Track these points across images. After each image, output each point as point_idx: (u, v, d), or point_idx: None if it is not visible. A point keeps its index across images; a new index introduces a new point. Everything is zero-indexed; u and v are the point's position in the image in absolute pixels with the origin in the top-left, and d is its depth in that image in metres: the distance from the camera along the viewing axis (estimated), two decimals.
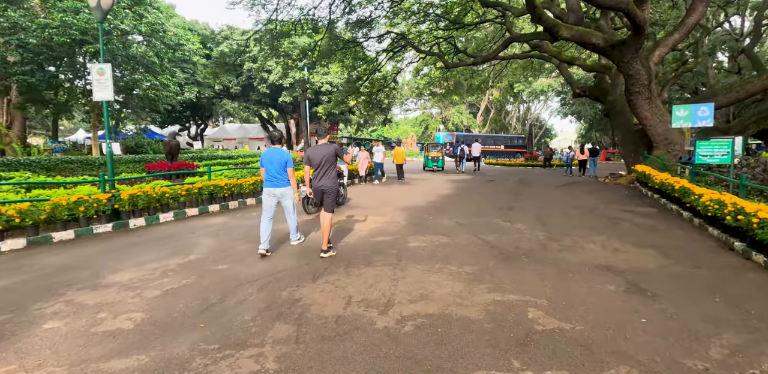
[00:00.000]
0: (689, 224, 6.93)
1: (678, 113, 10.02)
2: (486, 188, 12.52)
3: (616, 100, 16.21)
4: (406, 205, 9.09)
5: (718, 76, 33.61)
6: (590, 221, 7.21)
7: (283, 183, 5.17)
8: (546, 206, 8.96)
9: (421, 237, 6.04)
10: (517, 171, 21.30)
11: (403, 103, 64.07)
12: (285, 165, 5.13)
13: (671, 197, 8.36)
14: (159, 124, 40.35)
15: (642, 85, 11.97)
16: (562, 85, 40.89)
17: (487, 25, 27.38)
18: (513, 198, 10.28)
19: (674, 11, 21.56)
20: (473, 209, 8.59)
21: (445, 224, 6.98)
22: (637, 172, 11.49)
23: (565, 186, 12.95)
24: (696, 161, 7.72)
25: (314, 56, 17.04)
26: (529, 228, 6.61)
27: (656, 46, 12.55)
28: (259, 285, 4.01)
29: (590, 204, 9.07)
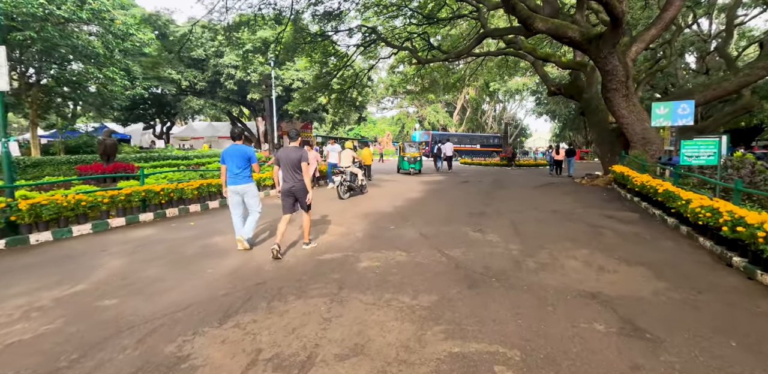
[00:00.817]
0: (676, 232, 6.26)
1: (658, 111, 9.46)
2: (458, 190, 11.73)
3: (591, 98, 15.75)
4: (369, 212, 8.16)
5: (687, 76, 34.19)
6: (569, 229, 6.45)
7: (245, 179, 5.14)
8: (521, 210, 8.20)
9: (375, 254, 5.11)
10: (493, 171, 20.70)
11: (380, 102, 63.35)
12: (248, 161, 5.14)
13: (653, 201, 7.74)
14: (121, 121, 38.18)
15: (619, 81, 11.43)
16: (537, 84, 40.85)
17: (462, 22, 26.79)
18: (486, 201, 9.50)
19: (646, 11, 21.48)
20: (442, 215, 7.73)
21: (407, 236, 6.08)
22: (615, 173, 10.93)
23: (541, 187, 12.30)
24: (681, 162, 7.11)
25: (277, 49, 15.86)
26: (502, 240, 5.79)
27: (633, 41, 12.04)
28: (142, 333, 2.99)
29: (568, 209, 8.36)
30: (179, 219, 7.75)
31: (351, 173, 10.40)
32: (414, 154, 17.54)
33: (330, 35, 18.16)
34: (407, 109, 60.16)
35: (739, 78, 11.50)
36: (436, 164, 22.54)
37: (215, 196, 9.48)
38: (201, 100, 33.02)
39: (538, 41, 22.34)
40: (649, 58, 22.43)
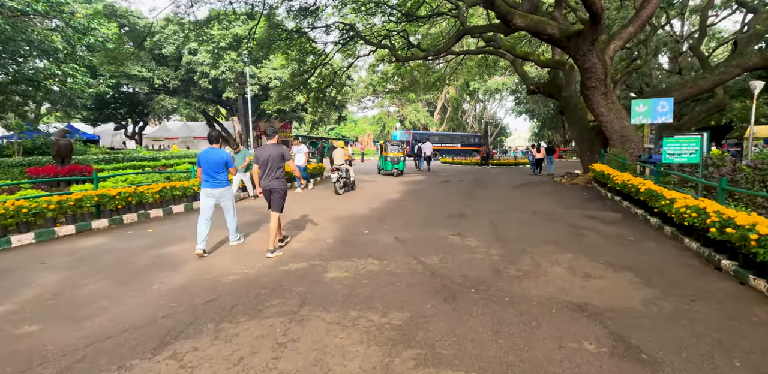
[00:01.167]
0: (660, 233, 6.06)
1: (637, 108, 9.33)
2: (438, 190, 11.41)
3: (570, 97, 15.71)
4: (343, 215, 7.74)
5: (660, 76, 34.97)
6: (551, 231, 6.17)
7: (222, 183, 5.13)
8: (501, 211, 7.91)
9: (345, 262, 4.69)
10: (473, 170, 20.53)
11: (360, 101, 62.88)
12: (224, 165, 5.10)
13: (635, 200, 7.56)
14: (90, 121, 36.62)
15: (598, 79, 11.31)
16: (517, 83, 41.13)
17: (442, 21, 26.60)
18: (466, 202, 9.19)
19: (621, 12, 21.72)
20: (420, 218, 7.37)
21: (381, 241, 5.68)
22: (595, 172, 10.80)
23: (521, 187, 12.10)
24: (663, 160, 6.94)
25: (250, 46, 15.23)
26: (482, 244, 5.45)
27: (611, 39, 11.95)
28: (55, 370, 2.50)
29: (549, 209, 8.12)
30: (137, 226, 7.16)
31: (346, 170, 11.18)
32: (397, 153, 16.11)
33: (306, 32, 17.62)
34: (388, 109, 59.90)
35: (714, 76, 11.54)
36: (418, 164, 22.49)
37: (180, 200, 8.89)
38: (174, 99, 31.89)
39: (516, 40, 22.34)
40: (624, 58, 22.67)
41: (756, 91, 15.58)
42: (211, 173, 5.04)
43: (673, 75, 30.50)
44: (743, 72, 11.44)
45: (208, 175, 5.05)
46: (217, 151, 5.09)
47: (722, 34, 36.00)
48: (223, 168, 5.11)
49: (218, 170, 5.06)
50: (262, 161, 4.98)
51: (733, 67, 11.34)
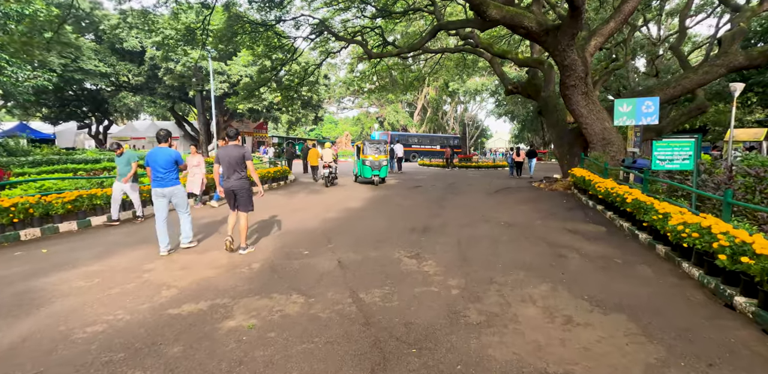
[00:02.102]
0: (651, 252, 5.17)
1: (620, 108, 8.53)
2: (407, 197, 10.41)
3: (549, 97, 14.97)
4: (289, 228, 6.64)
5: (637, 79, 35.04)
6: (526, 251, 5.22)
7: (171, 182, 5.12)
8: (472, 223, 6.94)
9: (260, 301, 3.61)
10: (450, 173, 19.64)
11: (340, 101, 61.71)
12: (174, 163, 5.12)
13: (621, 211, 6.70)
14: (50, 120, 34.36)
15: (578, 77, 10.52)
16: (497, 85, 40.68)
17: (419, 20, 25.76)
18: (435, 211, 8.21)
19: (600, 13, 21.31)
20: (377, 232, 6.33)
21: (319, 267, 4.61)
22: (576, 177, 9.98)
23: (498, 193, 11.21)
24: (653, 166, 6.10)
25: (204, 37, 13.94)
26: (442, 270, 4.45)
27: (592, 35, 11.20)
28: None
29: (525, 220, 7.20)
30: (37, 244, 5.90)
31: (335, 167, 13.32)
32: (378, 156, 13.05)
33: (272, 25, 16.42)
34: (368, 109, 58.88)
35: (698, 76, 10.91)
36: (391, 165, 21.78)
37: (103, 210, 7.62)
38: (137, 97, 30.05)
39: (496, 39, 21.68)
40: (603, 59, 22.26)
41: (736, 94, 15.16)
42: (161, 172, 5.04)
43: (651, 78, 30.53)
44: (728, 72, 10.84)
45: (157, 175, 5.06)
46: (165, 150, 5.10)
47: (696, 39, 36.36)
48: (173, 166, 5.14)
49: (168, 169, 5.07)
50: (225, 162, 5.00)
51: (717, 67, 10.72)
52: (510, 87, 16.95)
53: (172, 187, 5.15)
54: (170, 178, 5.12)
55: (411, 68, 27.98)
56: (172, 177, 5.13)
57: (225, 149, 5.07)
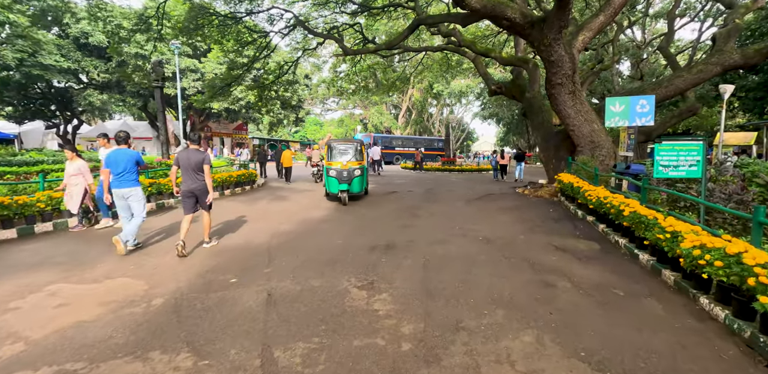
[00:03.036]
0: (656, 279, 4.25)
1: (612, 108, 7.68)
2: (378, 205, 9.39)
3: (534, 98, 14.17)
4: (229, 245, 5.56)
5: (621, 82, 34.92)
6: (506, 278, 4.25)
7: (129, 183, 5.14)
8: (445, 239, 5.96)
9: (128, 366, 2.53)
10: (431, 177, 18.71)
11: (324, 103, 60.58)
12: (135, 164, 5.17)
13: (615, 225, 5.81)
14: (15, 119, 32.38)
15: (565, 75, 9.70)
16: (482, 88, 40.10)
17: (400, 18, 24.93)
18: (405, 222, 7.21)
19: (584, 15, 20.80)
20: (332, 250, 5.30)
21: (239, 303, 3.56)
22: (563, 183, 9.11)
23: (479, 200, 10.27)
24: (655, 174, 5.21)
25: (160, 28, 12.73)
26: (397, 308, 3.44)
27: (580, 30, 10.40)
28: None
29: (507, 234, 6.26)
30: None
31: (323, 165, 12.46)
32: (349, 163, 9.28)
33: (241, 17, 15.30)
34: (353, 111, 57.88)
35: (693, 75, 10.19)
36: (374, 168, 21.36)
37: (15, 222, 6.41)
38: (104, 95, 28.39)
39: (480, 39, 20.97)
40: (589, 59, 21.71)
41: (726, 96, 14.63)
42: (121, 173, 5.07)
43: (636, 81, 30.30)
44: (723, 71, 10.15)
45: (117, 176, 5.09)
46: (125, 152, 5.15)
47: (679, 43, 36.39)
48: (134, 167, 5.17)
49: (126, 169, 5.09)
50: (184, 166, 5.10)
51: (712, 66, 10.02)
52: (494, 87, 16.13)
53: (130, 187, 5.16)
54: (129, 179, 5.14)
55: (394, 68, 27.12)
56: (131, 178, 5.16)
57: (185, 153, 5.15)
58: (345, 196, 9.07)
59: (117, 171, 5.08)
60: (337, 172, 9.17)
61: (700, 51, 28.66)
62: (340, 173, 9.14)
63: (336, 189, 9.22)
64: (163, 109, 14.20)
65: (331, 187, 9.35)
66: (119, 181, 5.10)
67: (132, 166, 5.12)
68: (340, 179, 9.13)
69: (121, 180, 5.10)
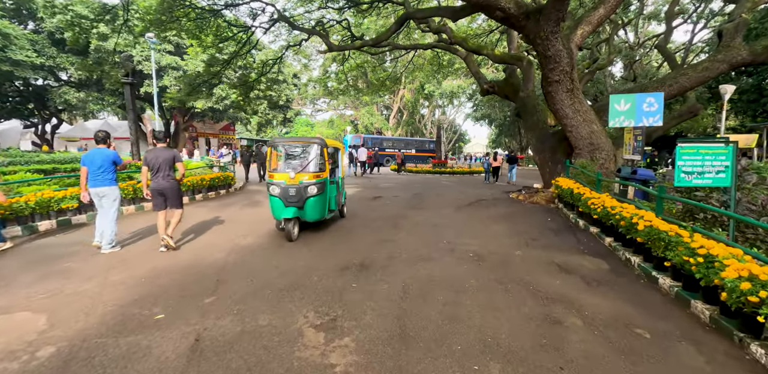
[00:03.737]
0: (686, 313, 3.48)
1: (617, 106, 6.95)
2: (359, 215, 8.54)
3: (528, 97, 13.48)
4: (173, 264, 4.68)
5: (614, 84, 34.57)
6: (502, 313, 3.44)
7: (105, 182, 5.15)
8: (430, 255, 5.15)
9: None
10: (421, 180, 17.91)
11: (314, 103, 59.64)
12: (111, 164, 5.17)
13: (625, 238, 5.05)
14: None
15: (563, 71, 8.97)
16: (474, 90, 39.48)
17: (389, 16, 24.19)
18: (386, 235, 6.38)
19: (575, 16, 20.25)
20: (295, 270, 4.45)
21: (152, 355, 2.69)
22: (561, 189, 8.37)
23: (470, 206, 9.48)
24: (676, 182, 4.46)
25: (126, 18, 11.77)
26: (359, 363, 2.60)
27: (578, 23, 9.70)
28: None
29: (501, 250, 5.46)
30: None
31: None
32: (300, 176, 6.03)
33: (219, 9, 14.39)
34: (344, 112, 57.00)
35: (698, 72, 9.53)
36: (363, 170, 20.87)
37: None
38: (81, 93, 27.17)
39: (472, 38, 20.27)
40: (585, 58, 21.13)
41: (726, 96, 14.10)
42: (96, 172, 5.08)
43: (629, 82, 29.92)
44: (730, 68, 9.53)
45: (94, 175, 5.10)
46: (102, 151, 5.14)
47: (670, 46, 36.15)
48: (111, 166, 5.17)
49: (103, 168, 5.10)
50: (153, 164, 5.16)
51: (718, 63, 9.37)
52: (486, 86, 15.40)
53: (105, 187, 5.16)
54: (105, 178, 5.14)
55: (384, 68, 26.35)
56: (107, 177, 5.16)
57: (154, 152, 5.21)
58: (291, 229, 5.72)
59: (93, 169, 5.08)
60: (281, 190, 5.86)
61: (692, 53, 28.30)
62: (285, 191, 5.84)
63: (280, 214, 5.93)
64: (133, 107, 13.22)
65: (275, 211, 6.10)
66: (95, 180, 5.11)
67: (109, 165, 5.12)
68: (286, 200, 5.84)
69: (97, 179, 5.10)
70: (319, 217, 6.29)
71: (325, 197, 6.29)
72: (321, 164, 6.30)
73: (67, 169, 11.38)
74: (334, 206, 6.88)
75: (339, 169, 7.28)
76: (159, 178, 5.17)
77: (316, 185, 6.00)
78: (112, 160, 5.17)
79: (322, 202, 6.24)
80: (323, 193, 6.19)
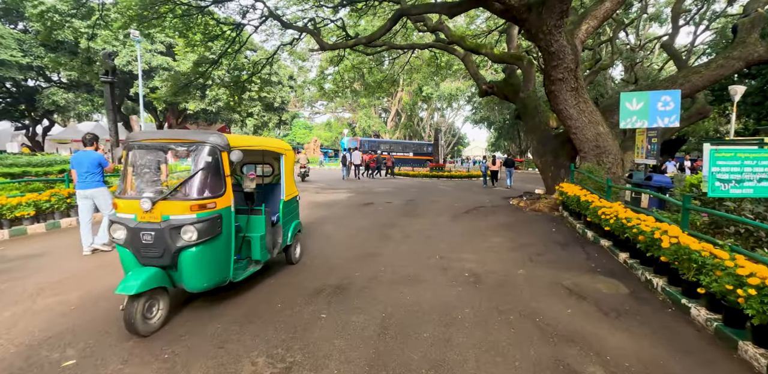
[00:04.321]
0: (734, 357, 2.78)
1: (629, 105, 6.29)
2: (341, 223, 7.84)
3: (528, 98, 12.82)
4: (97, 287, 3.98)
5: (615, 87, 33.98)
6: (503, 360, 2.75)
7: (93, 184, 5.25)
8: (420, 274, 4.46)
9: None
10: (417, 184, 17.23)
11: (312, 106, 59.05)
12: (97, 166, 5.26)
13: (645, 256, 4.36)
14: None
15: (567, 69, 8.32)
16: (474, 92, 38.91)
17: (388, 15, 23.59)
18: (372, 248, 5.68)
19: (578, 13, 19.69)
20: (258, 292, 3.75)
21: None
22: (567, 197, 7.68)
23: (468, 214, 8.79)
24: (710, 192, 3.79)
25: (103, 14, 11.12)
26: None
27: (583, 18, 9.06)
28: None
29: (501, 268, 4.77)
30: None
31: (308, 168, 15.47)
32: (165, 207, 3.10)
33: (206, 6, 13.77)
34: (341, 114, 56.41)
35: (711, 71, 8.88)
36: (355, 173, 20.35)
37: None
38: (69, 94, 26.49)
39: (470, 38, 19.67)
40: (587, 59, 20.52)
41: (736, 98, 13.46)
42: (83, 174, 5.18)
43: (630, 85, 29.39)
44: (746, 66, 8.87)
45: (81, 177, 5.20)
46: (89, 154, 5.23)
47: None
48: (97, 168, 5.25)
49: (90, 170, 5.19)
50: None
51: (734, 60, 8.73)
52: (484, 87, 14.76)
53: (94, 188, 5.24)
54: (93, 180, 5.23)
55: (380, 69, 25.76)
56: (94, 179, 5.24)
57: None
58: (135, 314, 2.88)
59: (80, 172, 5.20)
60: (128, 234, 3.15)
61: (694, 55, 27.78)
62: (135, 235, 3.11)
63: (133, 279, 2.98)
64: (113, 107, 12.52)
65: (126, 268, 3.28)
66: (83, 182, 5.22)
67: (95, 167, 5.21)
68: (138, 253, 3.16)
69: (85, 181, 5.21)
70: (212, 283, 3.33)
71: (223, 246, 3.37)
72: (214, 183, 3.29)
73: (38, 172, 10.67)
74: (259, 255, 3.95)
75: (281, 188, 4.54)
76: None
77: (201, 224, 3.12)
78: (98, 162, 5.25)
79: (218, 256, 3.33)
80: (218, 239, 3.29)
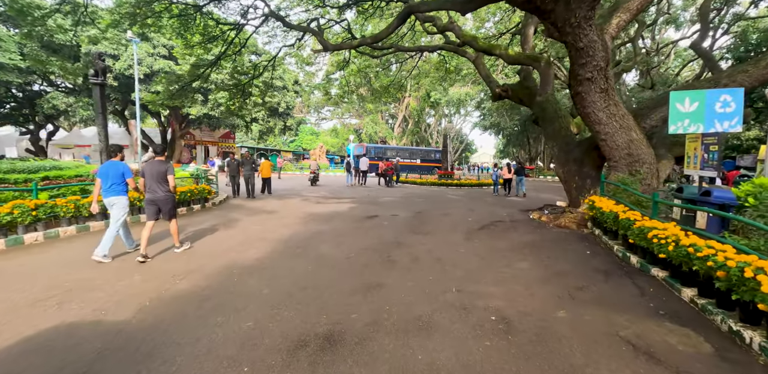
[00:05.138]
0: None
1: (680, 106, 5.31)
2: (344, 243, 6.89)
3: (547, 101, 11.84)
4: (63, 323, 3.06)
5: (628, 93, 32.95)
6: None
7: (116, 193, 5.49)
8: (430, 322, 3.49)
9: None
10: (425, 193, 16.25)
11: (319, 111, 58.58)
12: (121, 176, 5.53)
13: (721, 295, 3.36)
14: None
15: (597, 67, 7.36)
16: (483, 98, 38.03)
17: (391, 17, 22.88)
18: (373, 277, 4.72)
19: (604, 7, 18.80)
20: (226, 347, 2.82)
21: None
22: (600, 212, 6.67)
23: (483, 231, 7.78)
24: None
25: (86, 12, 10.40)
26: None
27: (614, 11, 8.13)
28: None
29: (535, 310, 3.79)
30: None
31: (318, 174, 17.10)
32: None
33: (203, 4, 13.08)
34: (349, 120, 55.80)
35: (759, 70, 7.85)
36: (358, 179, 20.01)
37: None
38: (70, 98, 26.02)
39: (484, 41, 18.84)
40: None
41: None
42: (107, 184, 5.43)
43: (646, 90, 28.34)
44: None
45: (107, 187, 5.44)
46: (116, 164, 5.53)
47: (686, 53, 34.53)
48: (120, 178, 5.50)
49: (114, 181, 5.44)
50: (149, 176, 5.51)
51: None
52: (498, 90, 13.84)
53: (114, 197, 5.46)
54: (116, 189, 5.47)
55: (387, 73, 24.99)
56: (117, 189, 5.48)
57: (150, 164, 5.59)
58: None
59: (106, 182, 5.45)
60: None
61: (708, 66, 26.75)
62: None
63: None
64: (103, 111, 11.78)
65: None
66: (108, 191, 5.45)
67: (119, 178, 5.47)
68: None
69: (108, 190, 5.44)
70: None
71: None
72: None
73: (18, 179, 9.86)
74: None
75: None
76: (153, 189, 5.50)
77: None
78: (122, 173, 5.51)
79: None
80: None
